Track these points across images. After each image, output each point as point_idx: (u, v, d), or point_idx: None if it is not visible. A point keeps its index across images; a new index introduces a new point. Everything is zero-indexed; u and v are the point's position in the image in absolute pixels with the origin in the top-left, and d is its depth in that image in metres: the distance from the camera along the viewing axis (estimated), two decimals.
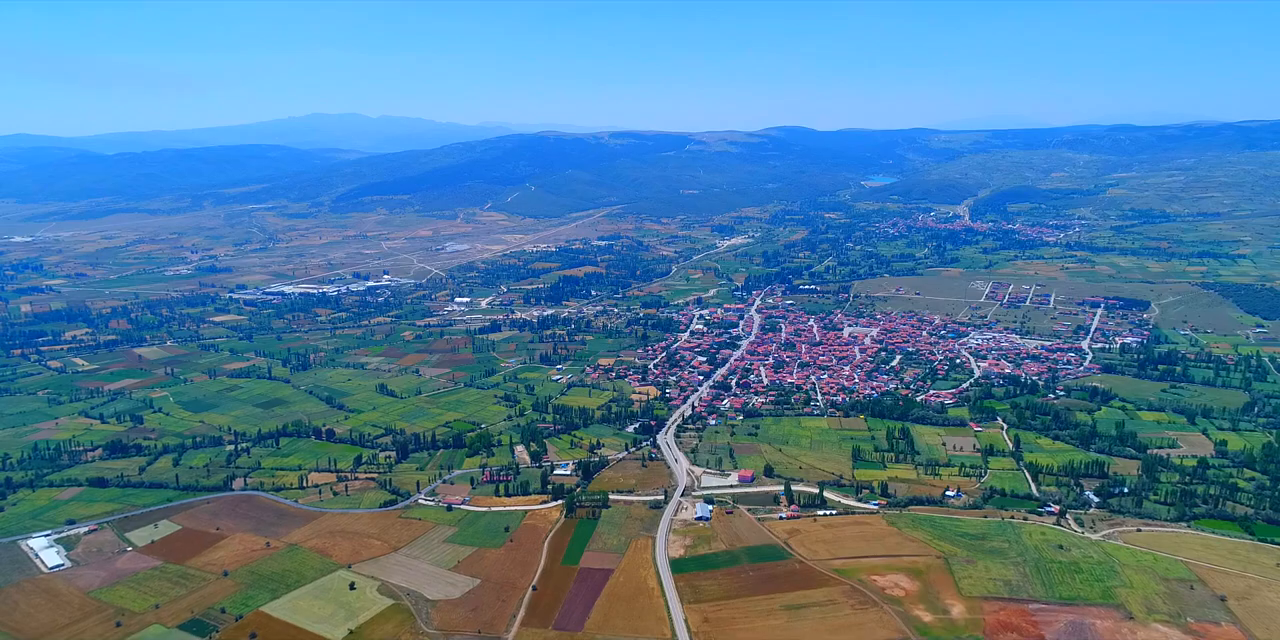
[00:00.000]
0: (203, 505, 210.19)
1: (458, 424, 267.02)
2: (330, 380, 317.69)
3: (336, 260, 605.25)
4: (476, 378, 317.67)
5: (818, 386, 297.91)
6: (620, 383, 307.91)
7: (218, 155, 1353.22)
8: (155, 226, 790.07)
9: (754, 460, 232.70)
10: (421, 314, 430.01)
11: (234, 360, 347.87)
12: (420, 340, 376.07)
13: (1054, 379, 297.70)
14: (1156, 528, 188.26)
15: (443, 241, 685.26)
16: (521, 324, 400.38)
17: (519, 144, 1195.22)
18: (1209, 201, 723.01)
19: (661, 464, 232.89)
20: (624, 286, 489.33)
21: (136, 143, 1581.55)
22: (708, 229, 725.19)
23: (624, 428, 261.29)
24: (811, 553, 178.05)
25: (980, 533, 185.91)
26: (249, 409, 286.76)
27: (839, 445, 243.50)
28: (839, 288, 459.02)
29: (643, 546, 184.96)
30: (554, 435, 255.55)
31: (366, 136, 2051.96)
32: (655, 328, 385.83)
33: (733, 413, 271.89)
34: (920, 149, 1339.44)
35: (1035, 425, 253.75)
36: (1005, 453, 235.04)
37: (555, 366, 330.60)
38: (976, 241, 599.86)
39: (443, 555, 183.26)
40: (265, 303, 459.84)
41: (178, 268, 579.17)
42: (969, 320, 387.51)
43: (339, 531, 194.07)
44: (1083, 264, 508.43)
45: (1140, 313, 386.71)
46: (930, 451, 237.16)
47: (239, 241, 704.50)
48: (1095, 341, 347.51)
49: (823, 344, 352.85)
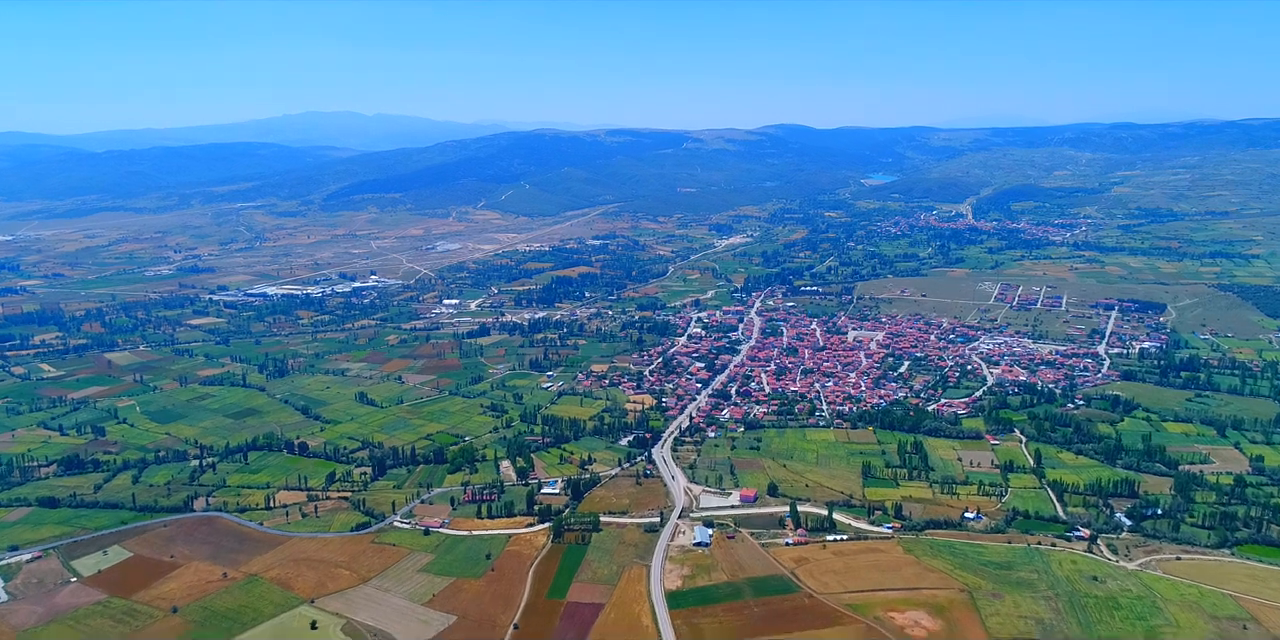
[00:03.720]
0: (159, 528, 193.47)
1: (440, 437, 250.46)
2: (308, 388, 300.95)
3: (323, 260, 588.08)
4: (462, 385, 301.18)
5: (823, 395, 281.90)
6: (614, 391, 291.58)
7: (208, 153, 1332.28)
8: (140, 225, 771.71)
9: (756, 477, 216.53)
10: (408, 316, 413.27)
11: (208, 366, 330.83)
12: (405, 345, 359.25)
13: (1072, 387, 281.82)
14: (1197, 555, 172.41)
15: (434, 241, 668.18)
16: (512, 327, 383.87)
17: (514, 141, 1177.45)
18: (1216, 200, 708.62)
19: (657, 481, 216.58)
20: (619, 288, 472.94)
21: (129, 141, 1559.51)
22: (705, 228, 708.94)
23: (617, 440, 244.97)
24: (822, 585, 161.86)
25: (1005, 561, 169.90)
26: (219, 420, 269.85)
27: (847, 460, 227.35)
28: (842, 289, 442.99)
29: (636, 576, 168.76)
30: (542, 449, 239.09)
31: (362, 135, 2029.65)
32: (651, 331, 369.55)
33: (733, 424, 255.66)
34: (920, 147, 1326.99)
35: (1056, 438, 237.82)
36: (1026, 469, 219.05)
37: (545, 373, 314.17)
38: (981, 241, 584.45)
39: (417, 587, 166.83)
40: (246, 304, 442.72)
41: (159, 268, 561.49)
42: (978, 323, 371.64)
43: (304, 559, 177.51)
44: (1092, 264, 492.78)
45: (1156, 316, 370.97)
46: (945, 467, 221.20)
47: (225, 240, 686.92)
48: (1112, 346, 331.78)
49: (827, 349, 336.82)
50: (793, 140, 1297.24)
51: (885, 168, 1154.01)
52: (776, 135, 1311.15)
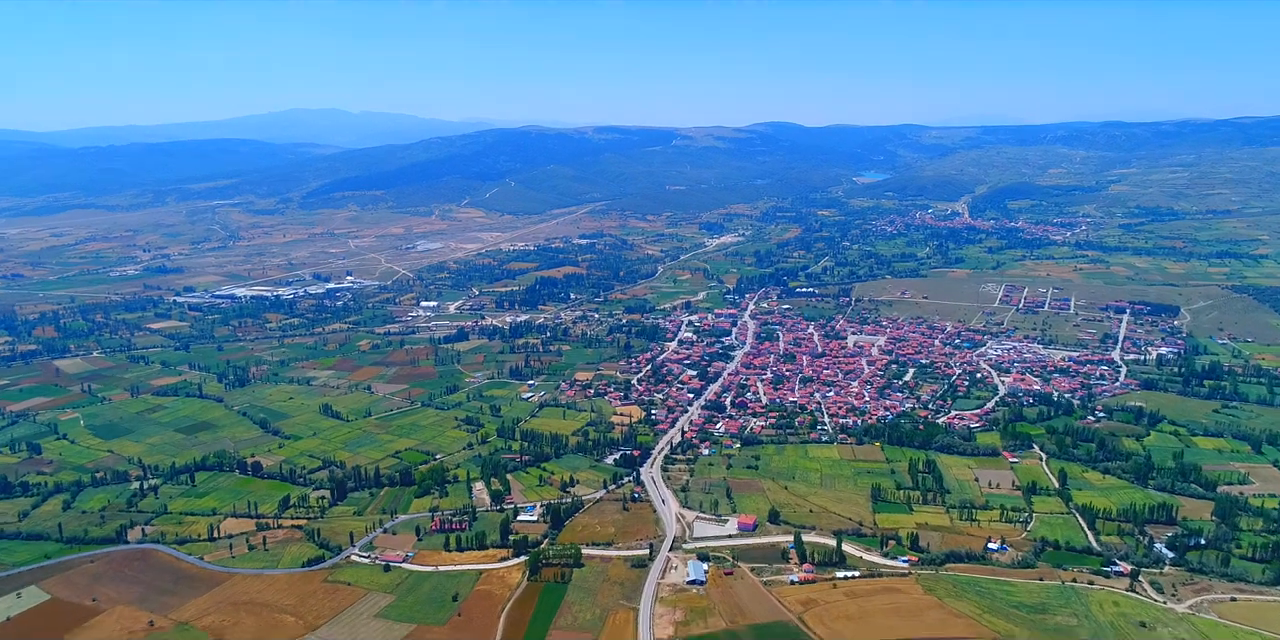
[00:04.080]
0: (85, 564, 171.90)
1: (409, 454, 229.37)
2: (270, 399, 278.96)
3: (298, 260, 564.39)
4: (436, 395, 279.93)
5: (824, 406, 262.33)
6: (599, 402, 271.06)
7: (186, 149, 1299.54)
8: (111, 223, 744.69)
9: (756, 501, 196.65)
10: (382, 320, 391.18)
11: (165, 374, 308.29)
12: (378, 350, 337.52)
13: (1090, 397, 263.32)
14: (1253, 595, 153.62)
15: (414, 240, 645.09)
16: (492, 331, 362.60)
17: (499, 138, 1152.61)
18: (1217, 198, 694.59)
19: (646, 506, 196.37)
20: (606, 289, 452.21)
21: (109, 137, 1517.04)
22: (695, 226, 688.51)
23: (602, 458, 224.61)
24: (834, 633, 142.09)
25: (1039, 603, 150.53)
26: (169, 435, 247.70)
27: (854, 481, 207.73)
28: (839, 290, 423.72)
29: (623, 622, 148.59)
30: (520, 469, 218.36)
31: (347, 132, 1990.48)
32: (640, 336, 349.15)
33: (729, 439, 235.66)
34: (911, 145, 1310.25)
35: (1079, 455, 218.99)
36: (1050, 491, 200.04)
37: (527, 382, 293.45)
38: (980, 240, 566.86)
39: (371, 636, 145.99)
40: (213, 307, 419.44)
41: (125, 268, 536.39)
42: (984, 327, 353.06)
43: (246, 602, 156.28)
44: (1096, 265, 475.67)
45: (1170, 319, 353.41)
46: (962, 489, 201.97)
47: (198, 239, 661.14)
48: (1126, 352, 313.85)
49: (826, 355, 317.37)
50: (783, 138, 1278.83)
51: (877, 165, 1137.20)
52: (766, 133, 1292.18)
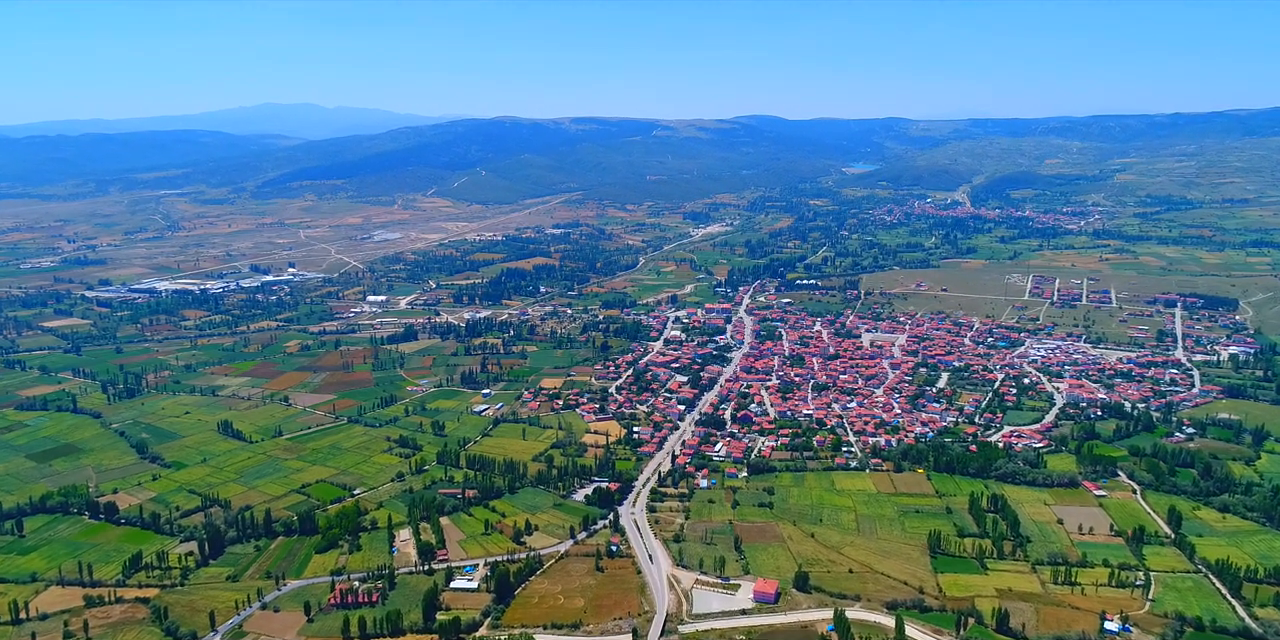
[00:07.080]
0: None
1: (319, 489, 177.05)
2: (160, 414, 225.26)
3: (240, 251, 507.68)
4: (368, 409, 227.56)
5: (846, 421, 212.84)
6: (570, 416, 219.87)
7: (142, 140, 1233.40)
8: (41, 213, 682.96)
9: (775, 556, 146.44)
10: (320, 317, 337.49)
11: (41, 383, 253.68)
12: (307, 352, 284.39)
13: (1169, 408, 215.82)
14: None
15: (372, 230, 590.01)
16: (446, 329, 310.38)
17: (471, 128, 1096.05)
18: (1231, 188, 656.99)
19: (628, 564, 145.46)
20: (581, 281, 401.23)
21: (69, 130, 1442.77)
22: (679, 216, 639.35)
23: (570, 493, 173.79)
24: None
25: None
26: (17, 462, 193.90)
27: (902, 525, 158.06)
28: (844, 283, 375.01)
29: None
30: (462, 509, 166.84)
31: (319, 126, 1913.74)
32: (619, 334, 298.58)
33: (732, 466, 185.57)
34: (898, 137, 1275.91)
35: (1182, 485, 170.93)
36: (1159, 537, 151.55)
37: (481, 391, 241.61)
38: (988, 229, 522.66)
39: None
40: (126, 302, 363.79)
41: (41, 260, 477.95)
42: (1018, 323, 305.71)
43: None
44: (1122, 254, 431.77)
45: (1229, 313, 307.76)
46: (1045, 535, 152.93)
47: (133, 230, 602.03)
48: (1192, 352, 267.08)
49: (840, 357, 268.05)
50: (767, 129, 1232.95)
51: (865, 157, 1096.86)
52: (750, 124, 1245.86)
